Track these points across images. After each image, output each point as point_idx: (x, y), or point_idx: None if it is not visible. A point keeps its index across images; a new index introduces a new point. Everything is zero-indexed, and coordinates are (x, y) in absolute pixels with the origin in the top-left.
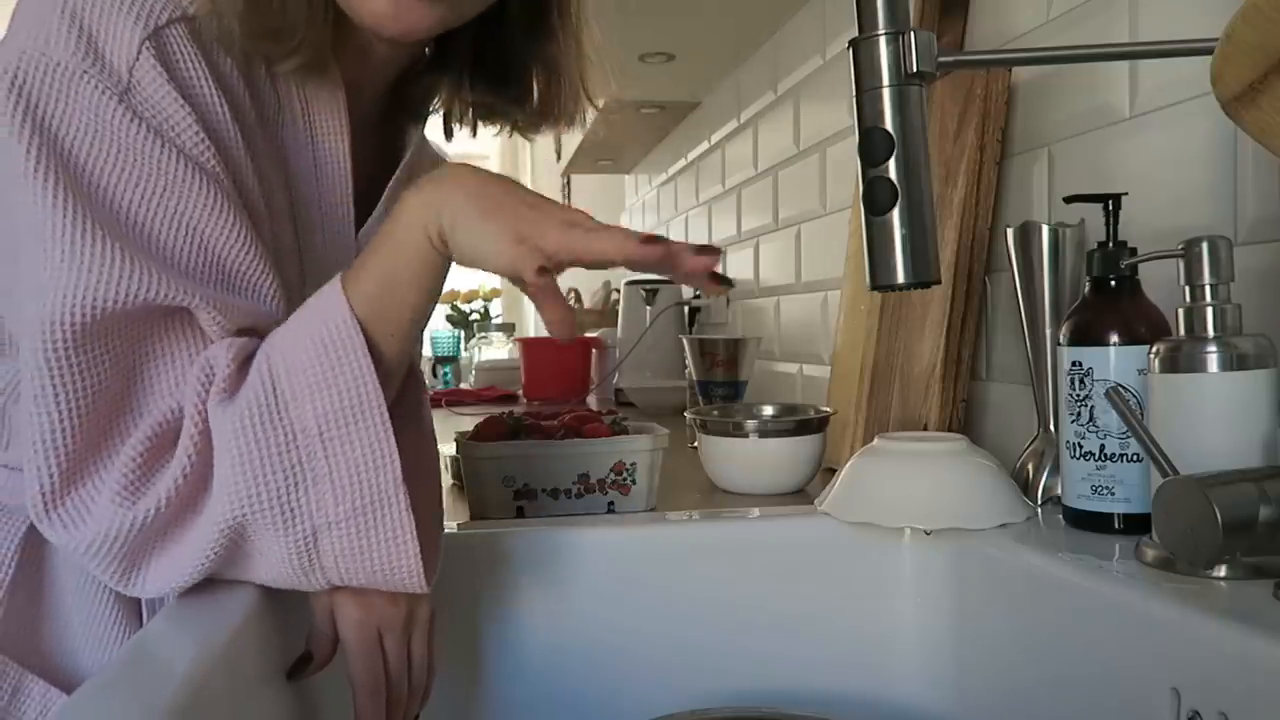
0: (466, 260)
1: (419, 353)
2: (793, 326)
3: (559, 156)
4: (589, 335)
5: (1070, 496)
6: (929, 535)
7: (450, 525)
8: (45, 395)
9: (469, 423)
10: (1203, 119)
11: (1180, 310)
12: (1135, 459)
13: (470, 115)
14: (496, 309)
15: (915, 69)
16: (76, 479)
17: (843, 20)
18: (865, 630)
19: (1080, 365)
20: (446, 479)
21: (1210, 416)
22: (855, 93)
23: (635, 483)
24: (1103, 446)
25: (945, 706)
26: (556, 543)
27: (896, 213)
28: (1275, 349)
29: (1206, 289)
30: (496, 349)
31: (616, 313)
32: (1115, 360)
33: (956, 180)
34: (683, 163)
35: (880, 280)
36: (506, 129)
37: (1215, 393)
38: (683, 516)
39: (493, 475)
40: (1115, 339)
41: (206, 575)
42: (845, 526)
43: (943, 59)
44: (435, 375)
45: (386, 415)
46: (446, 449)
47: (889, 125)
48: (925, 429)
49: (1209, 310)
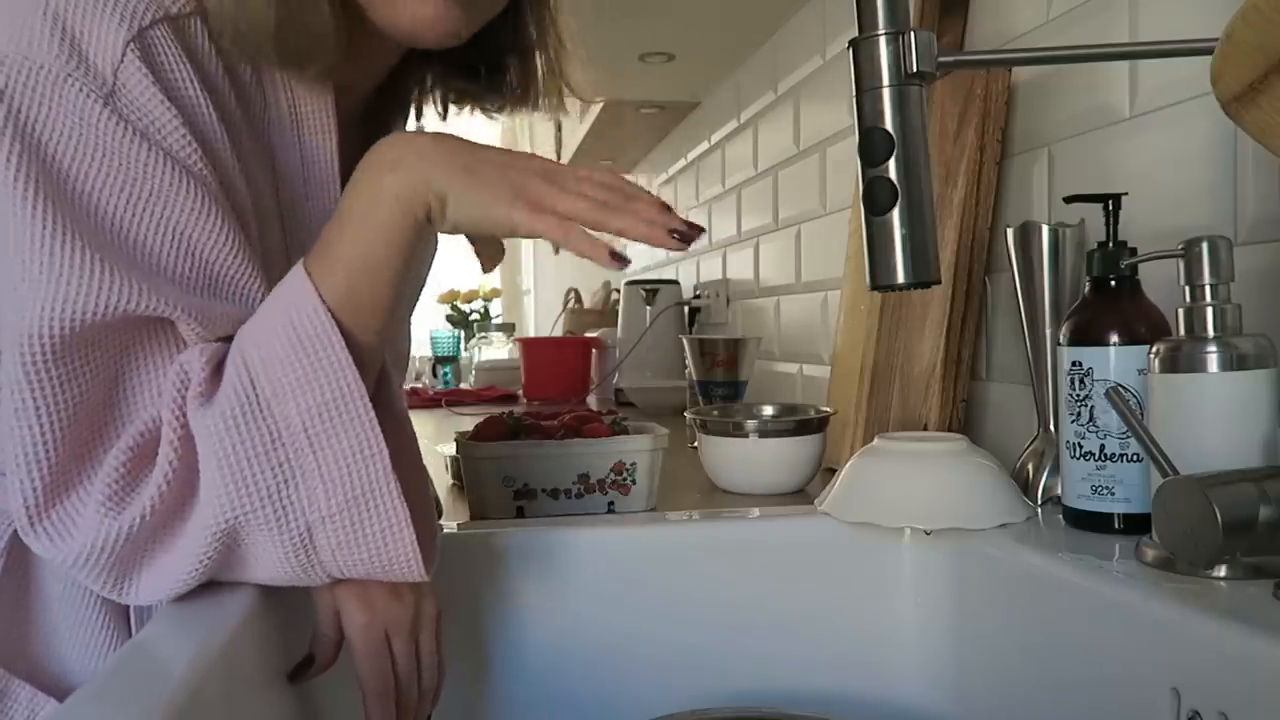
0: (465, 228)
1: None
2: (793, 326)
3: (559, 156)
4: (589, 335)
5: (1070, 496)
6: (929, 535)
7: (450, 525)
8: (27, 408)
9: (469, 423)
10: (1203, 119)
11: (1180, 310)
12: (1135, 459)
13: (442, 100)
14: (496, 309)
15: (915, 69)
16: (61, 491)
17: (843, 20)
18: (865, 630)
19: (1080, 365)
20: (446, 479)
21: (1210, 416)
22: (855, 93)
23: (635, 483)
24: (1103, 446)
25: (945, 706)
26: (556, 543)
27: (896, 213)
28: (1275, 349)
29: (1206, 289)
30: (496, 349)
31: (616, 313)
32: (1115, 360)
33: (956, 180)
34: (683, 163)
35: (880, 280)
36: (475, 110)
37: (1215, 393)
38: (683, 516)
39: (493, 475)
40: (1115, 339)
41: (203, 580)
42: (845, 526)
43: (943, 59)
44: (435, 375)
45: (370, 406)
46: (446, 449)
47: (889, 125)
48: (925, 429)
49: (1209, 310)
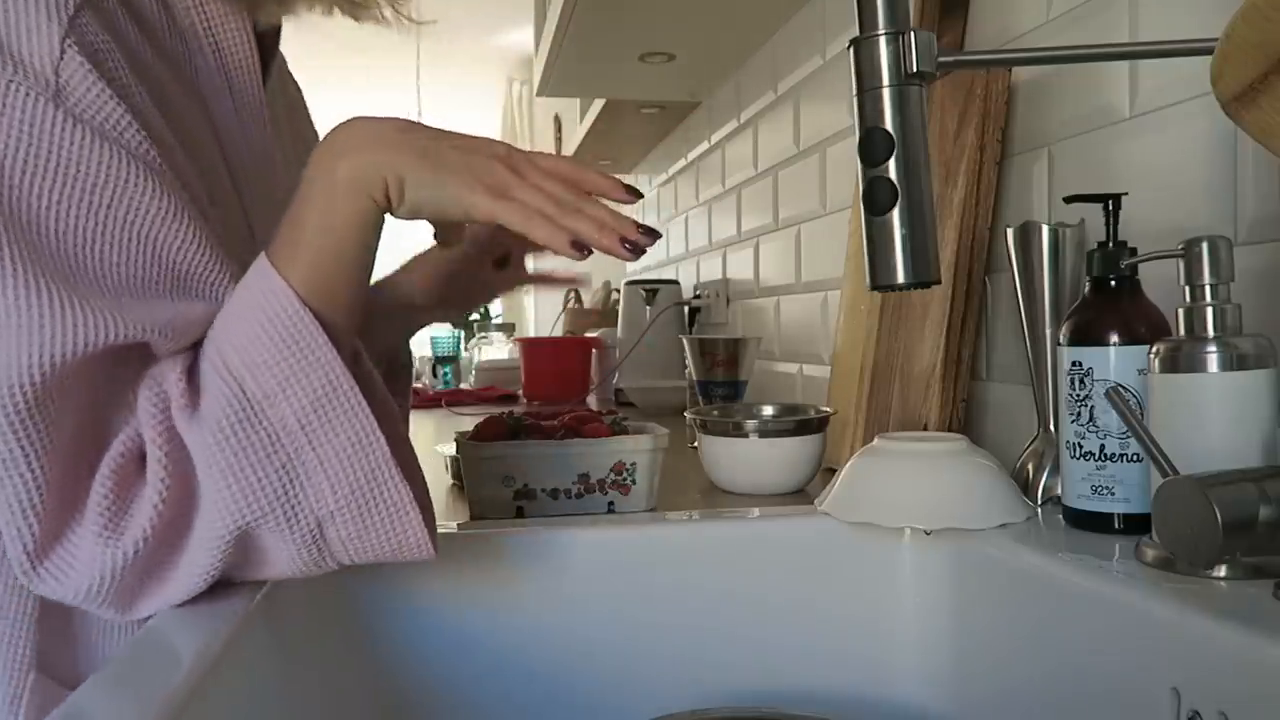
0: (425, 214)
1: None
2: (793, 326)
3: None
4: (589, 335)
5: (1070, 496)
6: (929, 535)
7: (450, 525)
8: (14, 457)
9: (469, 423)
10: (1203, 119)
11: (1180, 310)
12: (1135, 459)
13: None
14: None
15: (915, 69)
16: (56, 531)
17: (843, 20)
18: (865, 630)
19: (1080, 365)
20: (446, 479)
21: (1210, 416)
22: (855, 93)
23: (635, 483)
24: (1103, 446)
25: (945, 706)
26: (556, 543)
27: (896, 213)
28: (1275, 349)
29: (1206, 289)
30: (496, 349)
31: (616, 313)
32: (1115, 360)
33: (956, 180)
34: (683, 163)
35: (880, 280)
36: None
37: (1215, 393)
38: (683, 516)
39: (493, 475)
40: (1115, 339)
41: (212, 583)
42: (845, 526)
43: (943, 59)
44: (435, 375)
45: (361, 395)
46: (446, 449)
47: (889, 125)
48: (925, 429)
49: (1209, 310)
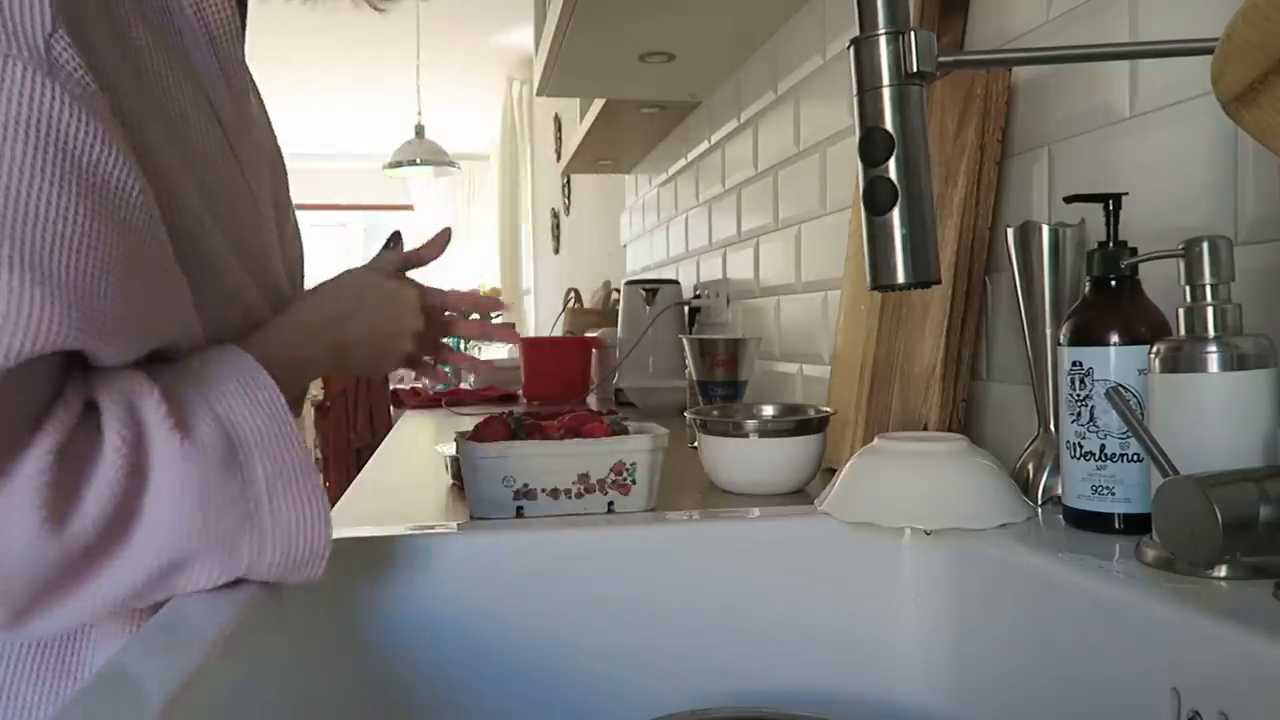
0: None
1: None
2: (793, 326)
3: (559, 156)
4: (589, 335)
5: (1070, 496)
6: (929, 535)
7: (450, 525)
8: None
9: (469, 423)
10: (1203, 119)
11: (1180, 310)
12: (1135, 459)
13: None
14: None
15: (915, 69)
16: None
17: (843, 20)
18: (865, 630)
19: (1080, 365)
20: (446, 479)
21: (1210, 416)
22: (855, 92)
23: (635, 483)
24: (1103, 446)
25: (945, 706)
26: (556, 543)
27: (896, 213)
28: (1275, 349)
29: (1207, 289)
30: (496, 349)
31: (616, 313)
32: (1115, 360)
33: (956, 180)
34: (683, 163)
35: (880, 280)
36: None
37: (1215, 393)
38: (683, 516)
39: (493, 475)
40: (1115, 339)
41: (123, 608)
42: (845, 526)
43: (943, 59)
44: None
45: (319, 478)
46: (446, 449)
47: (889, 125)
48: (925, 429)
49: (1209, 310)
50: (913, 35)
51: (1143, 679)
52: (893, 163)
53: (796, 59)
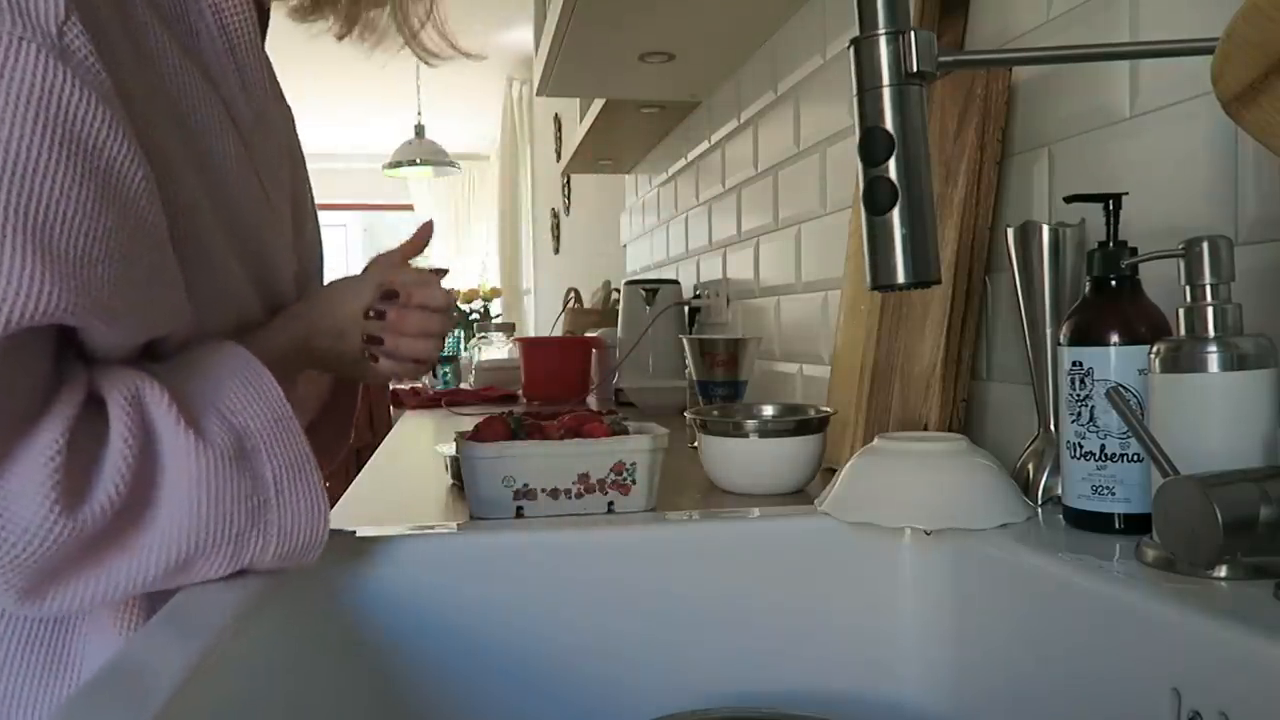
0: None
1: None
2: (793, 326)
3: (559, 156)
4: (589, 335)
5: (1070, 496)
6: (929, 535)
7: (450, 525)
8: None
9: (469, 423)
10: (1203, 119)
11: (1180, 310)
12: (1135, 459)
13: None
14: (497, 309)
15: (915, 69)
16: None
17: (843, 20)
18: (865, 630)
19: (1080, 365)
20: (446, 479)
21: (1210, 416)
22: (855, 92)
23: (635, 483)
24: (1103, 446)
25: (945, 706)
26: (556, 543)
27: (896, 212)
28: (1275, 349)
29: (1207, 289)
30: (496, 349)
31: (616, 313)
32: (1115, 360)
33: (956, 180)
34: (683, 163)
35: (880, 280)
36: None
37: (1216, 393)
38: (683, 516)
39: (493, 475)
40: (1115, 339)
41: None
42: (845, 526)
43: (943, 59)
44: (435, 375)
45: (320, 475)
46: (446, 449)
47: (889, 125)
48: (925, 429)
49: (1209, 310)
50: (913, 35)
51: (1143, 679)
52: (893, 163)
53: (796, 59)
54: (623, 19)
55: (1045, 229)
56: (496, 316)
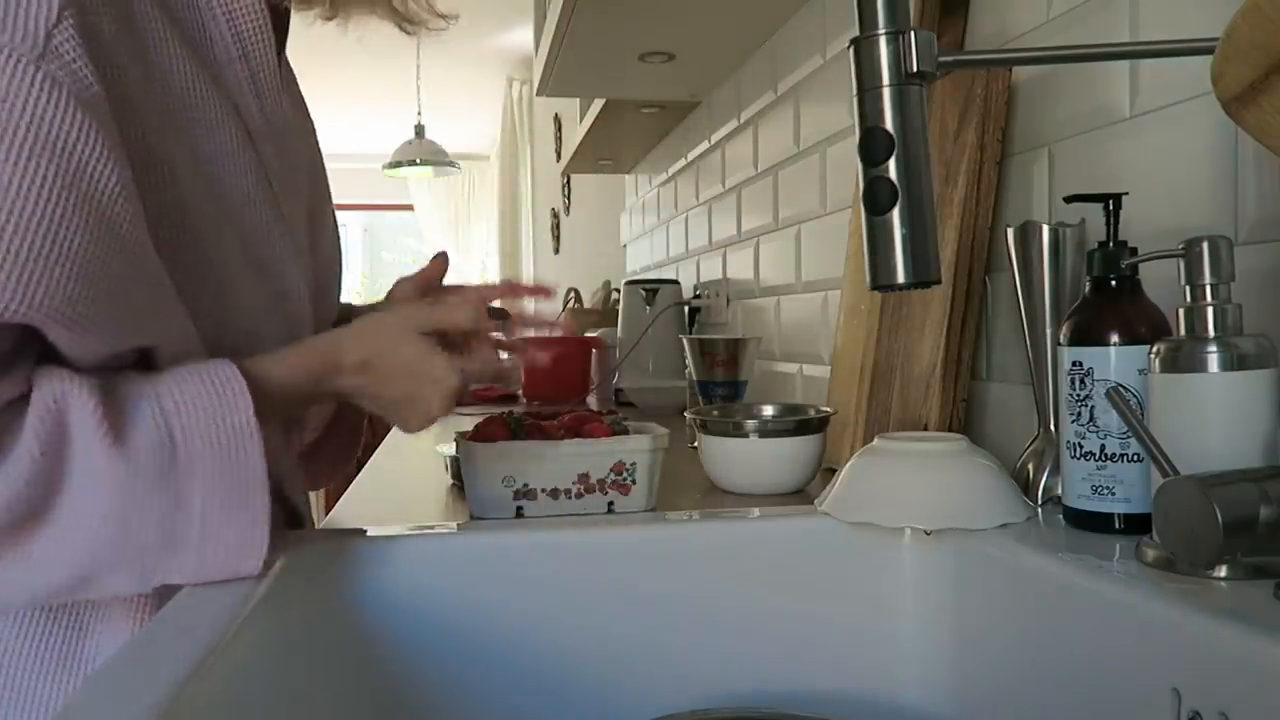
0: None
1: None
2: (793, 326)
3: (559, 156)
4: (589, 335)
5: (1070, 496)
6: (929, 535)
7: (450, 525)
8: None
9: (469, 423)
10: (1203, 118)
11: (1180, 310)
12: (1135, 459)
13: None
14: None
15: (915, 69)
16: None
17: (843, 20)
18: (865, 630)
19: (1080, 365)
20: (446, 479)
21: (1211, 416)
22: (856, 92)
23: (635, 483)
24: (1103, 446)
25: (945, 706)
26: (556, 543)
27: (896, 212)
28: (1276, 349)
29: (1207, 289)
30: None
31: (616, 313)
32: (1115, 360)
33: (956, 180)
34: (683, 163)
35: (880, 280)
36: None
37: (1216, 393)
38: (683, 516)
39: (492, 475)
40: (1115, 339)
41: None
42: (845, 526)
43: (943, 59)
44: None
45: (268, 503)
46: (446, 449)
47: (889, 125)
48: (925, 429)
49: (1209, 310)
50: (913, 35)
51: (1143, 679)
52: (893, 163)
53: (796, 59)
54: (623, 19)
55: (1045, 229)
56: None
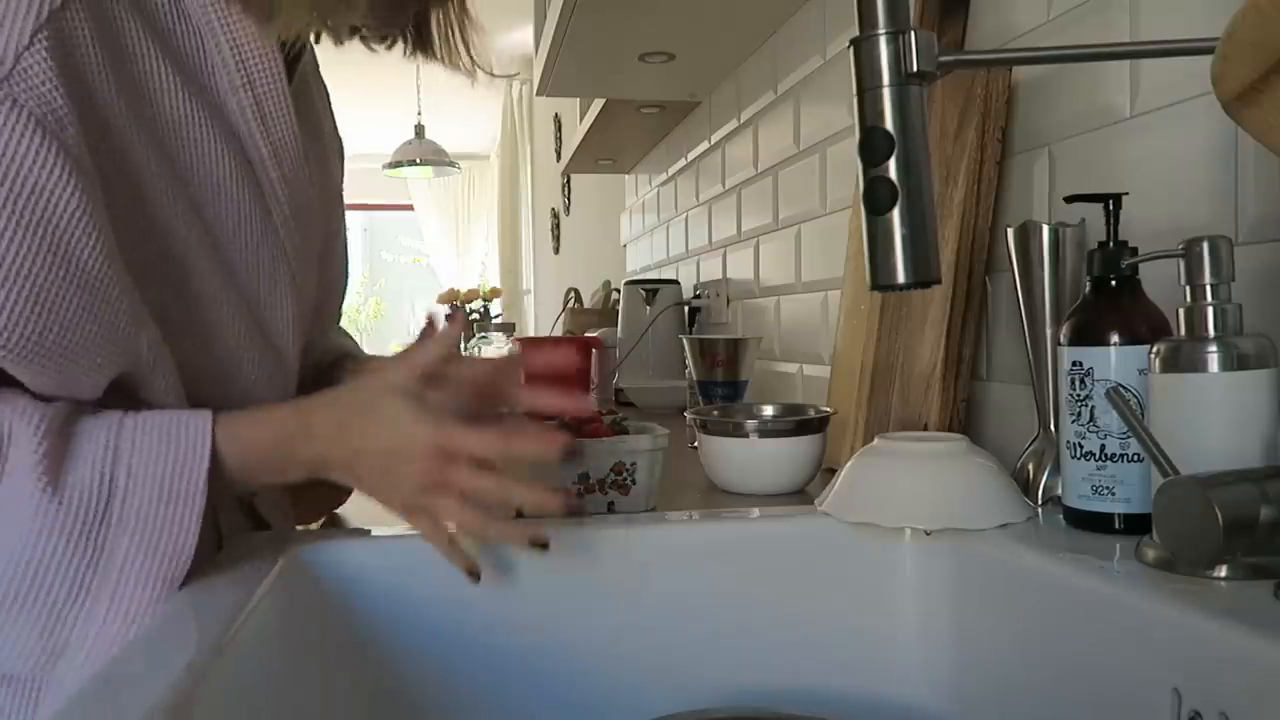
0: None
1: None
2: (793, 326)
3: (559, 156)
4: (589, 335)
5: (1070, 496)
6: (929, 535)
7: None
8: None
9: None
10: (1203, 118)
11: (1181, 310)
12: (1136, 459)
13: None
14: (496, 309)
15: (916, 68)
16: None
17: (843, 20)
18: (865, 630)
19: (1080, 365)
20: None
21: (1211, 416)
22: (856, 92)
23: (635, 483)
24: (1103, 446)
25: (945, 706)
26: (557, 543)
27: (896, 213)
28: (1276, 349)
29: (1207, 289)
30: (496, 349)
31: (616, 313)
32: (1116, 360)
33: (956, 180)
34: (683, 163)
35: (880, 280)
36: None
37: (1216, 393)
38: (683, 516)
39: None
40: (1116, 339)
41: None
42: (845, 526)
43: (943, 58)
44: None
45: (185, 571)
46: None
47: (889, 125)
48: (925, 429)
49: (1209, 310)
50: (913, 35)
51: (1143, 679)
52: (893, 163)
53: (796, 59)
54: (623, 19)
55: (1045, 229)
56: (496, 316)
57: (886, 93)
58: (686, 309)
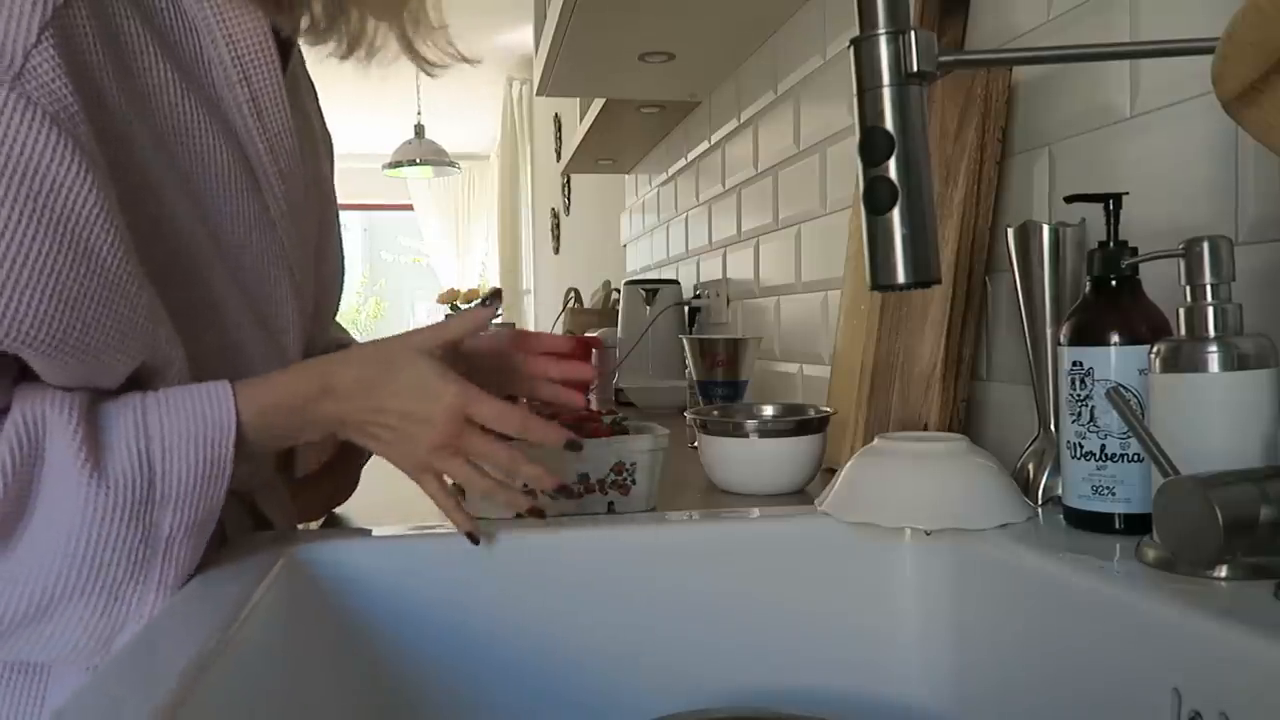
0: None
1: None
2: (793, 326)
3: (559, 156)
4: (589, 335)
5: (1070, 496)
6: (929, 535)
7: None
8: None
9: None
10: (1204, 118)
11: (1181, 310)
12: (1136, 459)
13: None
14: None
15: (916, 68)
16: None
17: (843, 20)
18: (865, 630)
19: (1081, 365)
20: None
21: (1211, 416)
22: (856, 92)
23: (635, 483)
24: (1103, 446)
25: (945, 706)
26: (556, 543)
27: (896, 212)
28: (1276, 349)
29: (1207, 289)
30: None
31: (616, 313)
32: (1116, 360)
33: (956, 180)
34: (683, 163)
35: (880, 280)
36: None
37: (1216, 393)
38: (683, 516)
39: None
40: (1116, 339)
41: None
42: (845, 526)
43: (943, 58)
44: None
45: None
46: None
47: (889, 125)
48: (925, 429)
49: (1210, 310)
50: (913, 35)
51: (1143, 679)
52: (893, 163)
53: (796, 59)
54: (623, 19)
55: (1045, 229)
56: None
57: (886, 93)
58: (686, 309)
